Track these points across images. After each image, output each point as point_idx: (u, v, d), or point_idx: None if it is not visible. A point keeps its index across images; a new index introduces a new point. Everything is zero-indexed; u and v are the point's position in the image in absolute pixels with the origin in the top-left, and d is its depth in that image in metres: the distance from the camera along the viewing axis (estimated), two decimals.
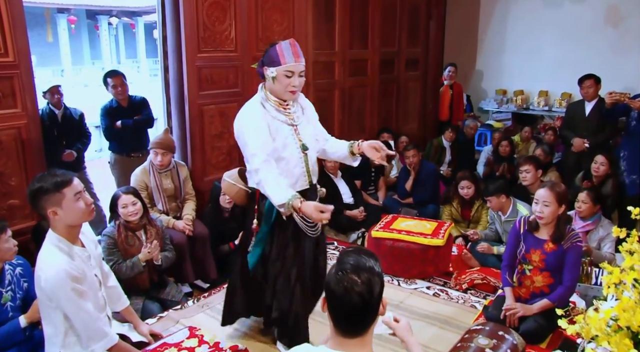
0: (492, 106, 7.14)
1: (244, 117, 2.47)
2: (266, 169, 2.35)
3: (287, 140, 2.48)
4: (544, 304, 2.75)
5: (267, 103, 2.48)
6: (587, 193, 3.66)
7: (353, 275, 1.39)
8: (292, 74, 2.40)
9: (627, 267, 1.32)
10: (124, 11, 21.79)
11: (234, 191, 2.73)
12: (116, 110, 4.28)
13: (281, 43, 2.43)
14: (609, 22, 6.02)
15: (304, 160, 2.54)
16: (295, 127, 2.52)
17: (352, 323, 1.43)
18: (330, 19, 4.98)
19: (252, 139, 2.39)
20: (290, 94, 2.45)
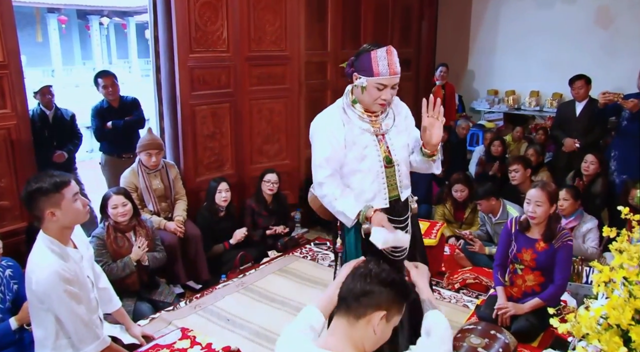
0: (484, 106, 7.16)
1: (319, 123, 2.25)
2: (332, 183, 2.18)
3: (367, 151, 2.20)
4: (535, 303, 2.77)
5: (350, 110, 2.24)
6: (567, 190, 3.71)
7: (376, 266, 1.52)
8: (384, 87, 2.13)
9: (616, 265, 1.33)
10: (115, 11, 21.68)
11: (317, 205, 2.46)
12: (107, 111, 4.26)
13: (377, 51, 2.15)
14: (599, 23, 6.06)
15: (386, 173, 2.24)
16: (381, 136, 2.24)
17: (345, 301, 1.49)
18: (323, 19, 4.98)
19: (320, 149, 2.19)
20: (379, 107, 2.19)
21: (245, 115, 4.35)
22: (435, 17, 6.99)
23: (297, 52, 4.61)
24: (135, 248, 3.11)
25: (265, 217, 4.21)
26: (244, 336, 3.04)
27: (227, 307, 3.35)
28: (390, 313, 1.48)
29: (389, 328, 1.51)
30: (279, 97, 4.55)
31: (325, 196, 2.18)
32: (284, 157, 4.71)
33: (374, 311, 1.45)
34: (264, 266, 3.97)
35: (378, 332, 1.46)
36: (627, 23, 5.86)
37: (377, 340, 1.49)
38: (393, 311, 1.49)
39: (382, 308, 1.46)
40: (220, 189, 3.85)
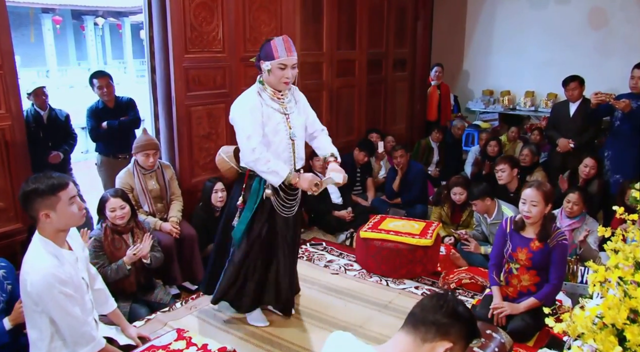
0: (479, 106, 7.19)
1: (240, 103, 2.76)
2: (263, 148, 2.69)
3: (279, 127, 2.76)
4: (530, 303, 2.78)
5: (264, 93, 2.77)
6: (579, 194, 3.69)
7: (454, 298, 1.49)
8: (285, 67, 2.67)
9: (611, 265, 1.34)
10: (110, 11, 21.63)
11: (226, 168, 3.13)
12: (102, 112, 4.25)
13: (275, 39, 2.68)
14: (593, 23, 6.10)
15: (292, 147, 2.84)
16: (287, 115, 2.80)
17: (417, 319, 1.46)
18: (318, 20, 4.98)
19: (248, 123, 2.68)
20: (284, 85, 2.73)
21: None
22: (431, 17, 7.00)
23: None
24: (129, 252, 3.08)
25: None
26: (240, 336, 3.03)
27: (223, 308, 3.34)
28: (455, 348, 1.44)
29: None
30: None
31: (258, 159, 2.67)
32: None
33: (441, 340, 1.42)
34: None
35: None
36: (620, 24, 5.90)
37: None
38: (458, 346, 1.45)
39: (450, 340, 1.42)
40: (216, 189, 3.84)
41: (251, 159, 2.70)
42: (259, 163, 2.68)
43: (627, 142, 4.42)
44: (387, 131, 6.06)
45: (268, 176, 2.71)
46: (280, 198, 2.86)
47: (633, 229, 1.52)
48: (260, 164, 2.68)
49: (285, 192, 2.87)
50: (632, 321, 1.18)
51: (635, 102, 4.24)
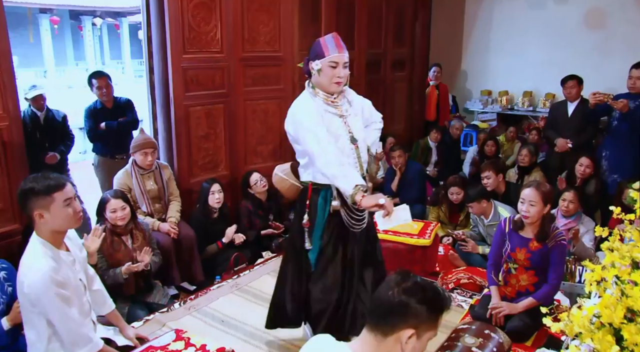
0: (478, 107, 7.19)
1: (298, 109, 2.49)
2: (335, 150, 2.40)
3: (339, 132, 2.50)
4: (529, 303, 2.78)
5: (316, 98, 2.50)
6: (574, 192, 3.71)
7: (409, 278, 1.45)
8: (337, 65, 2.42)
9: (608, 264, 1.34)
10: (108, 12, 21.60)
11: (286, 186, 2.81)
12: (100, 112, 4.24)
13: (325, 36, 2.48)
14: (591, 23, 6.10)
15: (355, 151, 2.54)
16: (344, 118, 2.53)
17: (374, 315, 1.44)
18: (317, 21, 4.98)
19: (312, 125, 2.40)
20: (336, 85, 2.46)
21: (239, 116, 4.34)
22: (429, 17, 7.01)
23: (291, 53, 4.61)
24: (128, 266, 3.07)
25: (261, 216, 4.21)
26: (238, 337, 3.03)
27: (221, 309, 3.34)
28: (420, 330, 1.39)
29: (422, 344, 1.43)
30: (273, 98, 4.55)
31: (329, 162, 2.34)
32: (278, 158, 4.70)
33: (401, 330, 1.37)
34: (258, 267, 3.96)
35: (407, 350, 1.39)
36: (618, 24, 5.91)
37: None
38: (424, 327, 1.40)
39: (410, 326, 1.37)
40: (213, 190, 3.84)
41: (322, 162, 2.36)
42: (331, 166, 2.34)
43: (624, 142, 4.43)
44: (386, 131, 6.04)
45: (339, 182, 2.34)
46: (348, 210, 2.52)
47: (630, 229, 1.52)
48: (332, 167, 2.34)
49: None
50: (629, 320, 1.18)
51: (633, 102, 4.25)
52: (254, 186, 4.15)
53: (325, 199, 2.53)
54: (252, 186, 4.15)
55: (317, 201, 2.54)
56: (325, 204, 2.53)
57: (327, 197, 2.52)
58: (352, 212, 2.51)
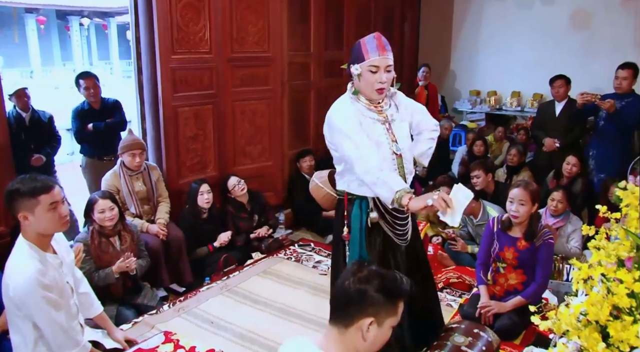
0: (466, 107, 7.22)
1: (335, 115, 2.27)
2: (375, 155, 2.18)
3: (380, 140, 2.27)
4: (517, 301, 2.80)
5: (357, 103, 2.29)
6: (563, 192, 3.75)
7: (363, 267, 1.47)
8: (378, 69, 2.19)
9: (595, 263, 1.36)
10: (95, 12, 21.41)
11: (321, 195, 2.67)
12: (88, 113, 4.21)
13: (365, 37, 2.22)
14: (578, 24, 6.16)
15: (398, 164, 2.32)
16: (388, 124, 2.31)
17: (334, 308, 1.48)
18: (305, 21, 4.98)
19: (351, 130, 2.18)
20: (377, 93, 2.23)
21: (228, 117, 4.33)
22: (418, 18, 7.03)
23: (280, 53, 4.60)
24: (119, 262, 3.05)
25: (245, 219, 4.20)
26: (228, 338, 3.02)
27: (211, 310, 3.33)
28: (380, 317, 1.42)
29: (384, 331, 1.46)
30: (262, 98, 4.54)
31: (369, 169, 2.12)
32: (267, 158, 4.70)
33: (360, 319, 1.41)
34: (247, 268, 3.96)
35: (369, 338, 1.42)
36: (604, 25, 5.96)
37: (371, 346, 1.45)
38: (383, 314, 1.43)
39: (368, 314, 1.41)
40: (202, 190, 3.82)
41: (362, 169, 2.14)
42: (370, 173, 2.12)
43: (611, 141, 4.48)
44: None
45: (378, 189, 2.12)
46: (388, 223, 2.33)
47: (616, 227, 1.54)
48: (371, 174, 2.11)
49: (390, 214, 2.34)
50: (615, 318, 1.19)
51: (620, 102, 4.30)
52: (232, 190, 4.13)
53: (360, 209, 2.33)
54: (230, 190, 4.14)
55: (351, 212, 2.35)
56: (361, 214, 2.33)
57: (363, 208, 2.33)
58: (393, 225, 2.33)
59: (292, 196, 4.91)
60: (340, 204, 2.41)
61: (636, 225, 1.39)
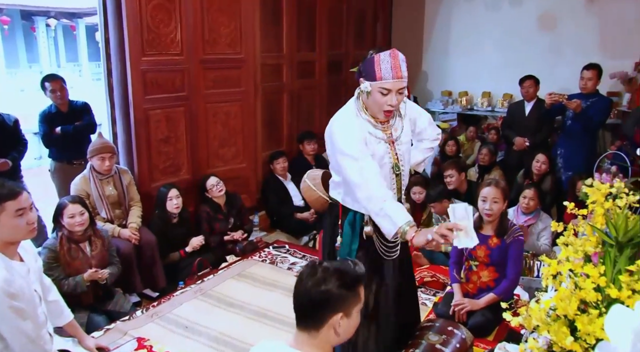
0: (438, 107, 7.30)
1: (338, 131, 2.13)
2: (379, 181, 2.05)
3: (384, 161, 2.16)
4: (490, 298, 2.85)
5: (363, 115, 2.16)
6: (534, 190, 3.83)
7: (316, 268, 1.47)
8: (389, 92, 2.05)
9: (563, 259, 1.39)
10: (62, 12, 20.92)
11: (313, 197, 2.52)
12: (55, 116, 4.11)
13: (381, 54, 2.05)
14: (544, 26, 6.30)
15: (396, 182, 2.24)
16: (393, 143, 2.19)
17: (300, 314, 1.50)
18: (278, 22, 4.97)
19: (356, 151, 2.05)
20: (384, 115, 2.11)
21: (200, 119, 4.29)
22: (389, 19, 7.09)
23: (253, 55, 4.58)
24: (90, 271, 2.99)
25: (221, 220, 4.16)
26: (202, 342, 2.98)
27: (185, 314, 3.29)
28: (348, 309, 1.46)
29: (353, 319, 1.50)
30: (235, 100, 4.51)
31: (372, 197, 2.01)
32: (241, 161, 4.67)
33: (329, 318, 1.44)
34: (222, 271, 3.92)
35: (341, 331, 1.46)
36: (569, 27, 6.12)
37: (344, 336, 1.49)
38: (349, 305, 1.47)
39: (337, 311, 1.44)
40: (171, 196, 3.77)
41: (363, 196, 2.04)
42: (373, 203, 2.01)
43: (578, 140, 4.60)
44: None
45: (380, 220, 2.02)
46: (380, 236, 2.22)
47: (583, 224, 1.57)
48: (374, 204, 2.00)
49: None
50: (582, 312, 1.22)
51: (585, 102, 4.42)
52: (210, 190, 4.10)
53: (354, 220, 2.23)
54: (208, 190, 4.10)
55: (344, 222, 2.26)
56: (354, 224, 2.24)
57: (357, 219, 2.23)
58: (385, 238, 2.20)
59: (266, 197, 4.89)
60: (333, 209, 2.33)
61: (602, 221, 1.43)
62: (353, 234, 2.24)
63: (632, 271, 1.23)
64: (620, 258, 1.29)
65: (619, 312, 0.92)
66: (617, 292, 1.18)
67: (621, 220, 1.32)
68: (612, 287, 1.22)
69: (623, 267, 1.27)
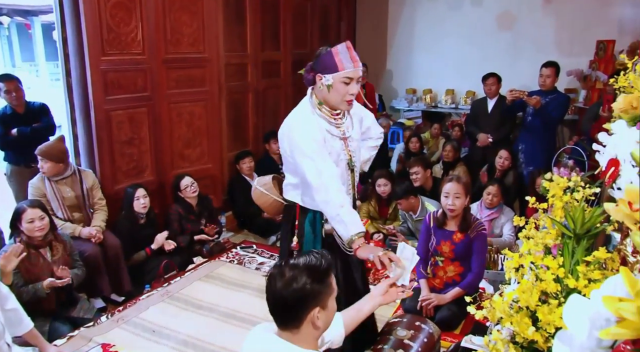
0: (403, 105, 7.39)
1: (297, 132, 2.12)
2: (338, 186, 2.08)
3: (340, 158, 2.21)
4: (455, 293, 2.90)
5: (319, 113, 2.18)
6: (497, 186, 3.92)
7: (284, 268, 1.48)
8: (351, 81, 2.11)
9: (525, 252, 1.42)
10: (16, 10, 20.19)
11: (268, 202, 2.49)
12: (11, 118, 3.97)
13: (337, 47, 2.13)
14: (504, 25, 6.45)
15: (352, 177, 2.29)
16: (345, 140, 2.23)
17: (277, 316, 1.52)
18: (241, 21, 4.93)
19: (315, 153, 2.07)
20: (347, 104, 2.15)
21: (164, 120, 4.22)
22: (354, 18, 7.13)
23: (216, 54, 4.53)
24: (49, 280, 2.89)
25: (192, 221, 4.12)
26: (171, 346, 2.94)
27: (152, 318, 3.23)
28: (323, 301, 1.48)
29: (330, 309, 1.52)
30: (199, 100, 4.46)
31: (329, 201, 2.05)
32: (206, 161, 4.62)
33: (308, 314, 1.46)
34: (189, 273, 3.87)
35: (320, 323, 1.48)
36: (528, 26, 6.29)
37: (323, 327, 1.51)
38: (324, 297, 1.48)
39: (314, 306, 1.46)
40: (138, 195, 3.71)
41: (322, 199, 2.07)
42: (330, 206, 2.05)
43: (538, 135, 4.72)
44: None
45: (336, 225, 2.07)
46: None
47: (544, 217, 1.62)
48: (331, 208, 2.05)
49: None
50: (543, 302, 1.25)
51: (544, 98, 4.54)
52: (184, 190, 4.05)
53: (315, 219, 2.26)
54: (182, 190, 4.05)
55: (304, 221, 2.27)
56: (315, 223, 2.26)
57: (317, 218, 2.25)
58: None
59: (233, 198, 4.85)
60: (289, 210, 2.33)
61: (561, 214, 1.47)
62: (314, 232, 2.26)
63: (588, 262, 1.27)
64: (578, 249, 1.34)
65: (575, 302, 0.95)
66: (575, 282, 1.22)
67: (578, 212, 1.36)
68: (570, 277, 1.26)
69: (580, 258, 1.31)
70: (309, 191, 2.13)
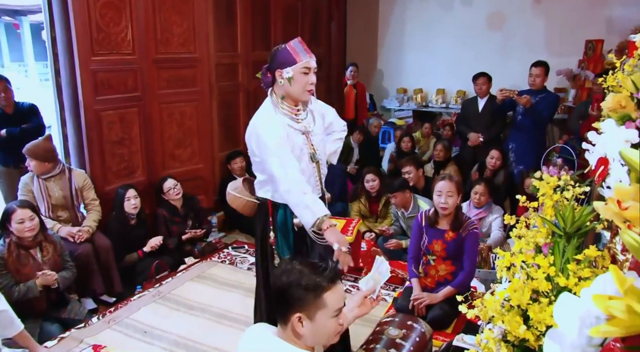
0: (394, 104, 7.41)
1: (263, 130, 2.26)
2: (299, 176, 2.22)
3: (303, 151, 2.33)
4: (447, 291, 2.91)
5: (281, 111, 2.31)
6: (484, 185, 3.94)
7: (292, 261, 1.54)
8: (309, 71, 2.26)
9: (516, 251, 1.43)
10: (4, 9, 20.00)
11: (242, 204, 2.62)
12: (0, 118, 3.94)
13: (290, 43, 2.29)
14: (494, 24, 6.49)
15: (317, 170, 2.41)
16: (307, 134, 2.36)
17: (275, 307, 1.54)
18: (232, 21, 4.92)
19: (277, 147, 2.21)
20: (308, 93, 2.29)
21: (155, 120, 4.20)
22: (344, 18, 7.13)
23: (207, 54, 4.52)
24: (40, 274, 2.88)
25: (178, 223, 4.09)
26: (162, 347, 2.93)
27: (143, 319, 3.22)
28: (309, 311, 1.46)
29: (321, 325, 1.48)
30: (190, 100, 4.44)
31: (291, 190, 2.19)
32: (197, 161, 4.60)
33: (291, 316, 1.46)
34: (180, 274, 3.86)
35: (304, 333, 1.45)
36: (518, 26, 6.33)
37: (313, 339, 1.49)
38: (310, 308, 1.46)
39: (295, 310, 1.46)
40: (129, 196, 3.69)
41: (284, 189, 2.20)
42: (292, 194, 2.19)
43: (528, 135, 4.76)
44: None
45: (299, 211, 2.20)
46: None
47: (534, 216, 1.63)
48: (294, 196, 2.19)
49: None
50: (534, 301, 1.26)
51: (534, 97, 4.57)
52: (167, 192, 4.03)
53: (285, 213, 2.37)
54: (165, 192, 4.03)
55: (277, 217, 2.39)
56: (286, 218, 2.38)
57: (288, 213, 2.36)
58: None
59: (224, 198, 4.82)
60: (262, 208, 2.45)
61: (551, 213, 1.48)
62: (286, 227, 2.39)
63: (579, 260, 1.28)
64: (569, 248, 1.35)
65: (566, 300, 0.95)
66: (566, 280, 1.23)
67: (568, 211, 1.37)
68: (561, 276, 1.27)
69: (571, 256, 1.32)
70: (275, 184, 2.26)
